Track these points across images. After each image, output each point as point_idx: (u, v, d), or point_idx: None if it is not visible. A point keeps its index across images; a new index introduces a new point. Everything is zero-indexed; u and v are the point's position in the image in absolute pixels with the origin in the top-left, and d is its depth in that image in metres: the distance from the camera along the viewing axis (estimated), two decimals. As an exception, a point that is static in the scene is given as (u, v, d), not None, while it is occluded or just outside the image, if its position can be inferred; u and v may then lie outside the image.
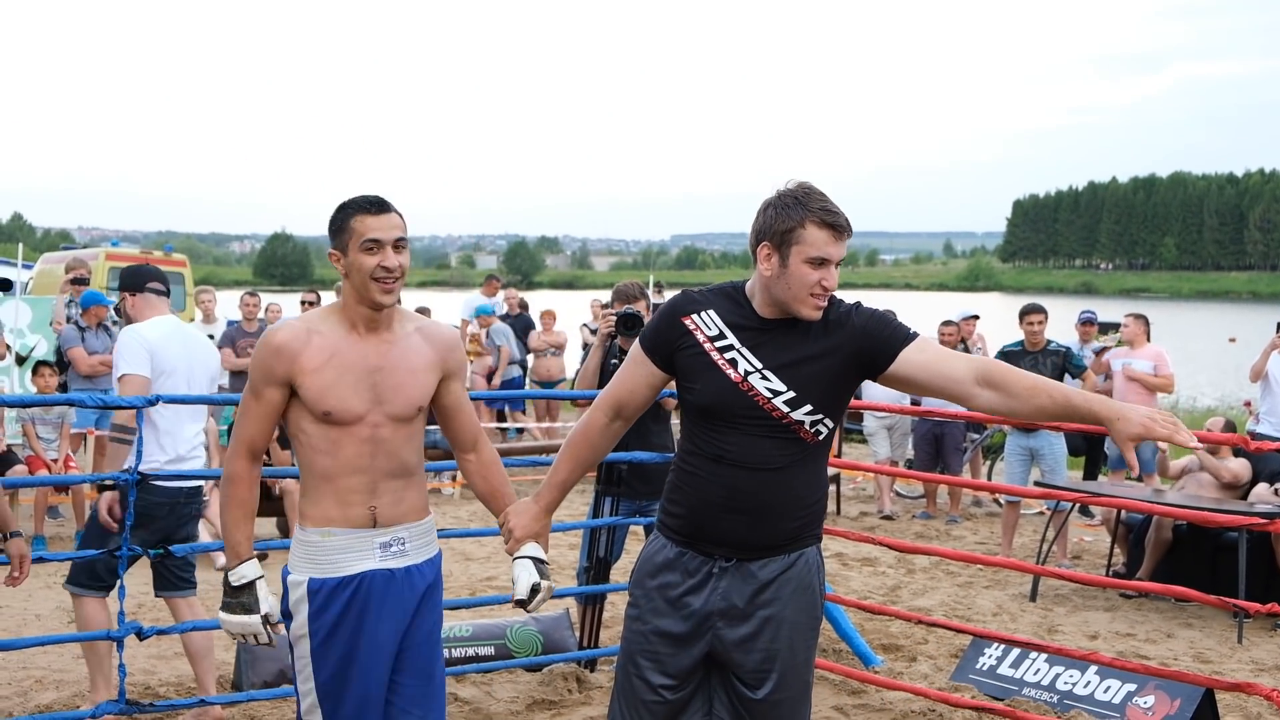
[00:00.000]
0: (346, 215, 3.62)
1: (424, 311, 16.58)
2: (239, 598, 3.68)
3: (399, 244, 3.62)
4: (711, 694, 3.57)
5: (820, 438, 3.49)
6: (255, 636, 3.70)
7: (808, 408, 3.43)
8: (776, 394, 3.42)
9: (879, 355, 3.44)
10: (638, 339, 3.66)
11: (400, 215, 3.68)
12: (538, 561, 3.72)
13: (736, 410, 3.45)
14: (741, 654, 3.48)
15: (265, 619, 3.67)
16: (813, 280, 3.39)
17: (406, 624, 3.66)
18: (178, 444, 5.84)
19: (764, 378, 3.43)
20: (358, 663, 3.61)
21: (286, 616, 3.68)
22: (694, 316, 3.54)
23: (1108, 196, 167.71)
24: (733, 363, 3.46)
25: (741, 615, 3.48)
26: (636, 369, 3.63)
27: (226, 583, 3.70)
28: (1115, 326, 13.17)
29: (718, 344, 3.47)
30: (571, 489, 3.80)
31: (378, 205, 3.63)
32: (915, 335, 3.49)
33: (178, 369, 5.80)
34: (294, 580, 3.65)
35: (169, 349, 5.80)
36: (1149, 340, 11.69)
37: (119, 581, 5.29)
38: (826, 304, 3.46)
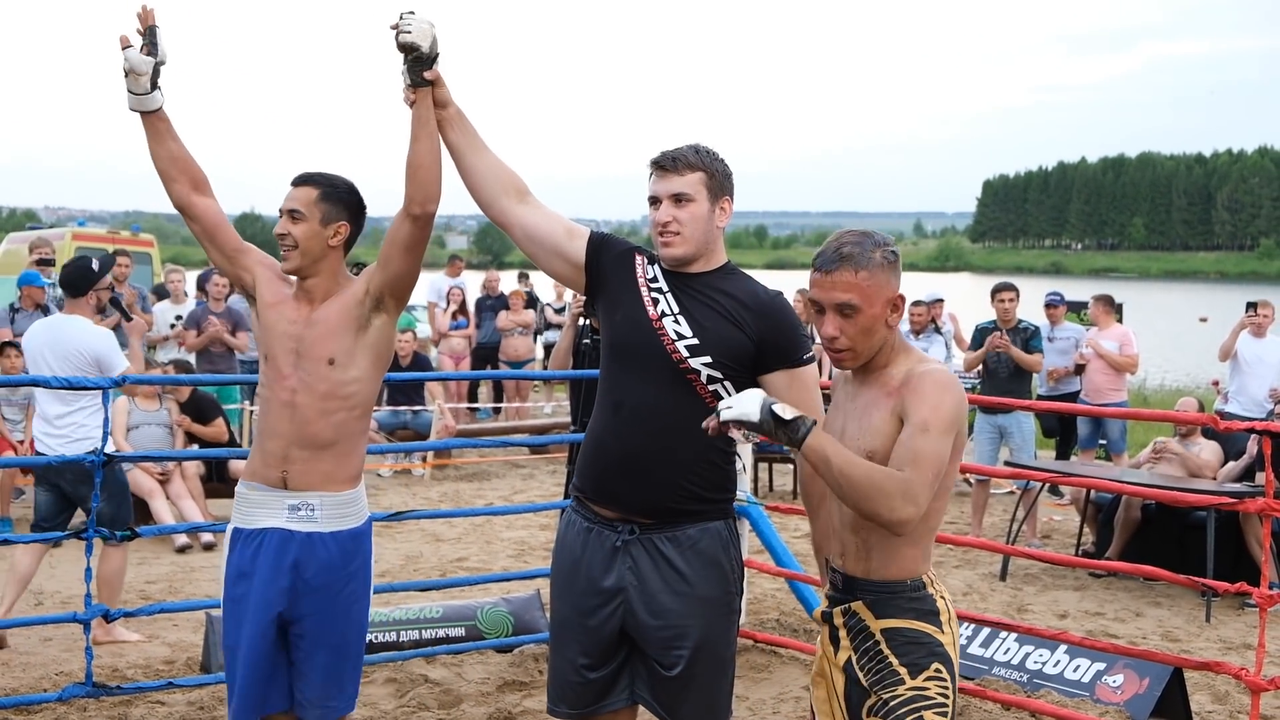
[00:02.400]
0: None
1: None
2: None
3: (293, 214, 3.76)
4: (634, 673, 3.54)
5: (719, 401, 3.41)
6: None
7: (706, 359, 3.41)
8: (681, 338, 3.42)
9: (762, 357, 3.45)
10: (589, 232, 3.63)
11: (317, 187, 3.79)
12: None
13: (642, 348, 3.45)
14: (652, 631, 3.45)
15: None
16: (654, 220, 3.49)
17: (303, 588, 3.75)
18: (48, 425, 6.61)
19: (676, 321, 3.44)
20: (248, 615, 3.75)
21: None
22: (644, 259, 3.59)
23: (1077, 176, 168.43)
24: (655, 302, 3.48)
25: (651, 593, 3.45)
26: (574, 225, 3.66)
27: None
28: (1085, 305, 13.22)
29: (650, 285, 3.51)
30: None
31: (296, 179, 3.84)
32: (801, 360, 3.47)
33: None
34: (227, 528, 3.91)
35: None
36: (1119, 321, 11.72)
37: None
38: (674, 241, 3.46)
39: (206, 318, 11.87)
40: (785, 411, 2.94)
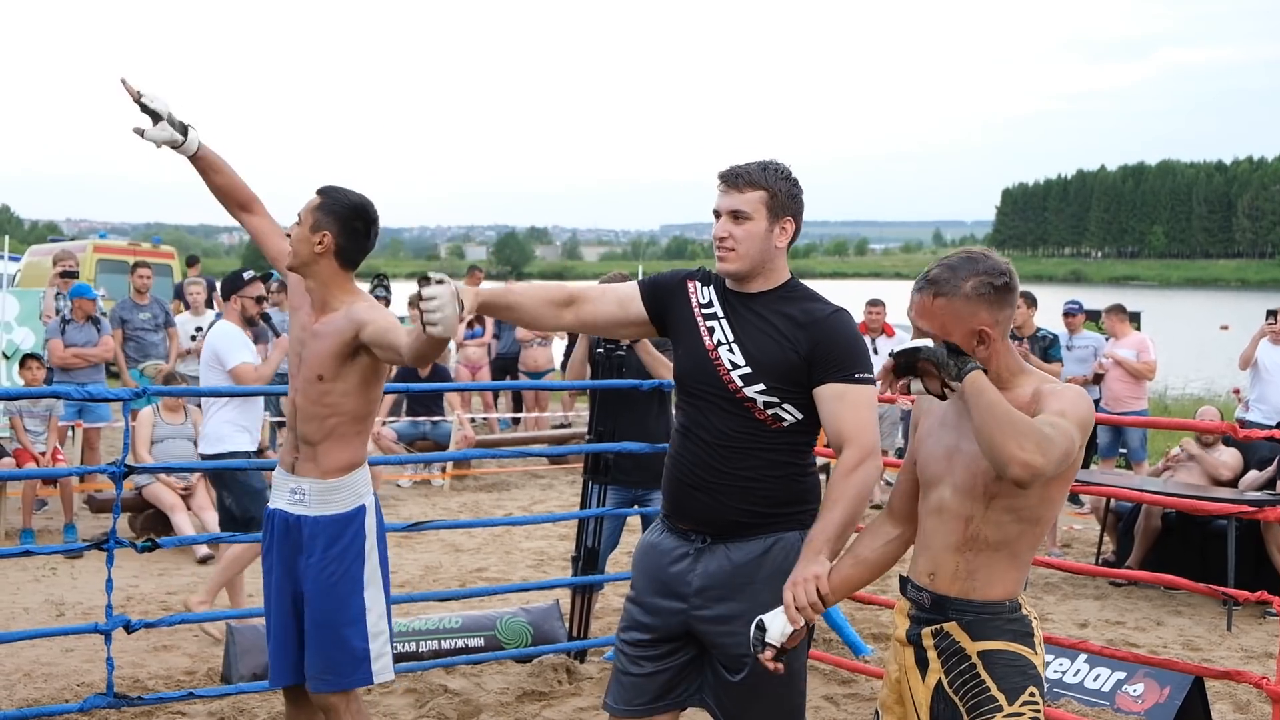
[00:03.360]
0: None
1: (415, 302, 16.51)
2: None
3: (298, 217, 4.10)
4: (701, 679, 3.60)
5: (782, 424, 3.49)
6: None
7: (760, 386, 3.47)
8: (736, 367, 3.49)
9: (813, 371, 3.47)
10: (637, 284, 3.72)
11: (320, 196, 4.09)
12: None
13: (701, 378, 3.54)
14: (718, 637, 3.50)
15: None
16: (714, 233, 3.59)
17: (301, 568, 4.13)
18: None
19: (730, 350, 3.51)
20: (271, 592, 4.22)
21: None
22: (696, 283, 3.67)
23: (1096, 185, 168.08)
24: (710, 331, 3.56)
25: (718, 598, 3.50)
26: (622, 288, 3.74)
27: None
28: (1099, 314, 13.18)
29: (704, 311, 3.59)
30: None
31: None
32: (854, 376, 3.45)
33: None
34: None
35: None
36: (1138, 328, 11.67)
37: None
38: (729, 258, 3.53)
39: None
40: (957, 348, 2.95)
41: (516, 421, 15.46)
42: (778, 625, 3.13)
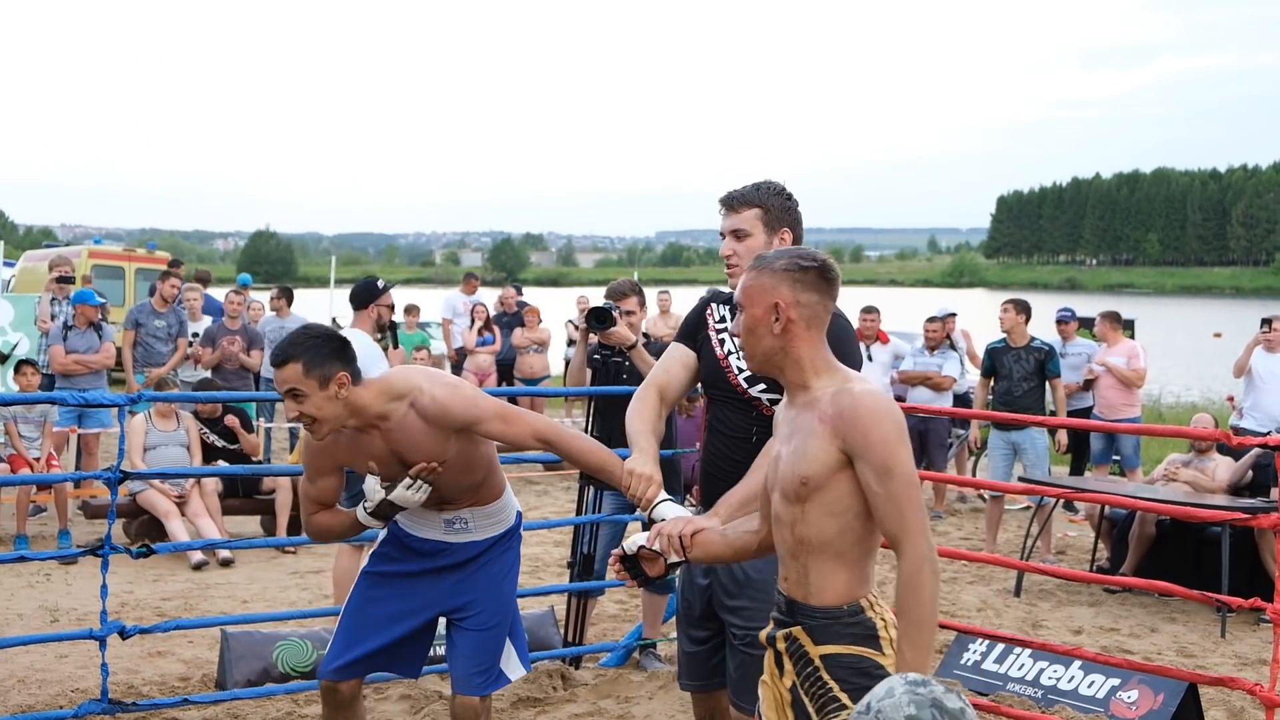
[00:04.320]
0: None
1: (412, 310, 16.55)
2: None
3: (293, 393, 3.95)
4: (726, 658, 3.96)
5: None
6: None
7: (761, 385, 3.89)
8: (741, 371, 3.93)
9: None
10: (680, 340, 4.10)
11: (297, 361, 3.93)
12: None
13: (718, 383, 4.00)
14: (731, 606, 3.88)
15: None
16: (721, 253, 4.01)
17: (451, 582, 4.29)
18: None
19: (737, 357, 3.93)
20: (380, 599, 4.33)
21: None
22: (714, 305, 4.11)
23: (1091, 192, 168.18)
24: (721, 342, 4.01)
25: (726, 582, 3.90)
26: (671, 351, 4.14)
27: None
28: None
29: (718, 326, 4.03)
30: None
31: (274, 359, 4.03)
32: None
33: None
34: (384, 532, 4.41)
35: None
36: (1132, 336, 11.69)
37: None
38: (736, 273, 3.93)
39: (222, 336, 11.92)
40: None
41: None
42: (637, 539, 3.45)
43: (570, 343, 16.75)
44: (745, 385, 3.90)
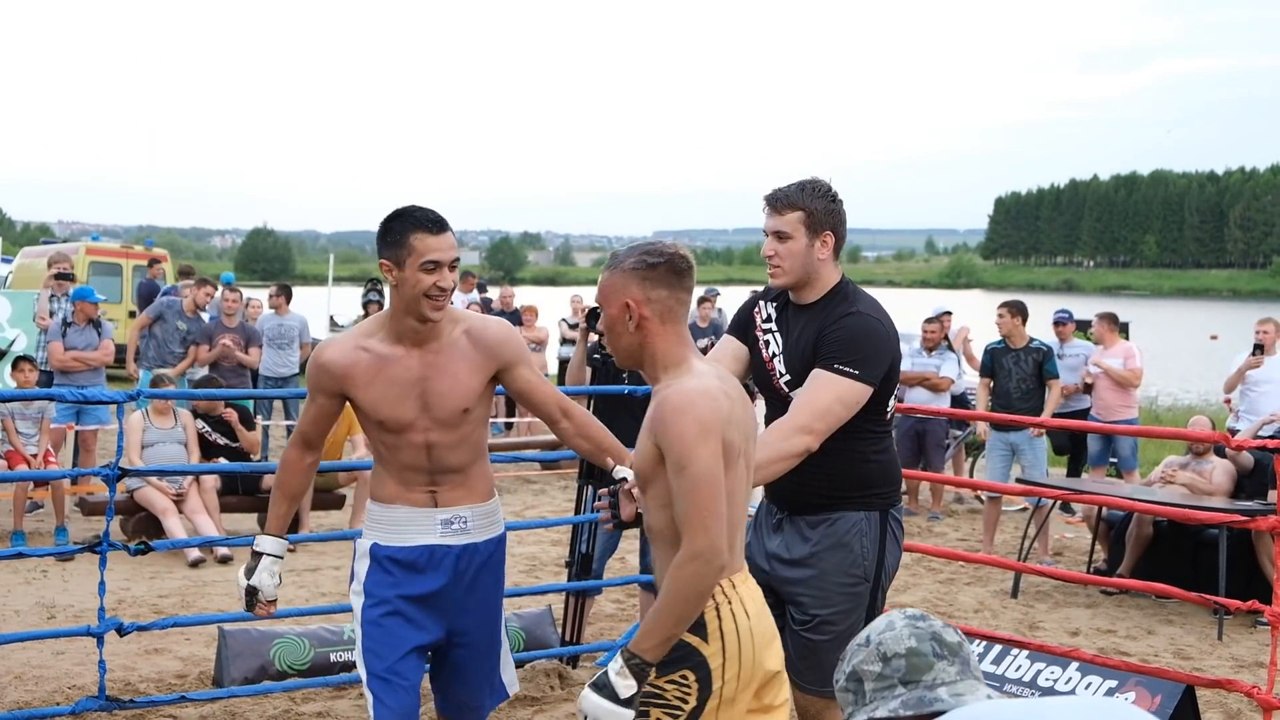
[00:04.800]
0: (406, 230, 3.69)
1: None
2: (250, 563, 3.96)
3: (454, 264, 3.75)
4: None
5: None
6: (244, 596, 3.94)
7: (801, 388, 3.94)
8: (782, 375, 4.02)
9: (815, 360, 3.90)
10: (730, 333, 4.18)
11: (453, 232, 3.80)
12: None
13: (764, 385, 4.09)
14: (790, 593, 3.98)
15: (251, 589, 3.93)
16: (763, 252, 4.05)
17: (453, 600, 3.89)
18: None
19: (779, 360, 4.03)
20: (404, 625, 3.84)
21: (352, 576, 3.97)
22: (762, 303, 4.16)
23: (1089, 194, 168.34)
24: (766, 345, 4.08)
25: (792, 562, 3.99)
26: (723, 343, 4.21)
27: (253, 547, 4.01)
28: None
29: (764, 326, 4.09)
30: None
31: (437, 224, 3.70)
32: (833, 365, 3.82)
33: None
34: (360, 544, 3.93)
35: None
36: (1127, 338, 11.69)
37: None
38: (778, 274, 3.99)
39: (219, 334, 11.92)
40: (621, 689, 3.00)
41: (509, 426, 15.46)
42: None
43: (564, 342, 16.75)
44: (787, 390, 3.97)
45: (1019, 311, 10.20)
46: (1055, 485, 9.18)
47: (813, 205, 3.92)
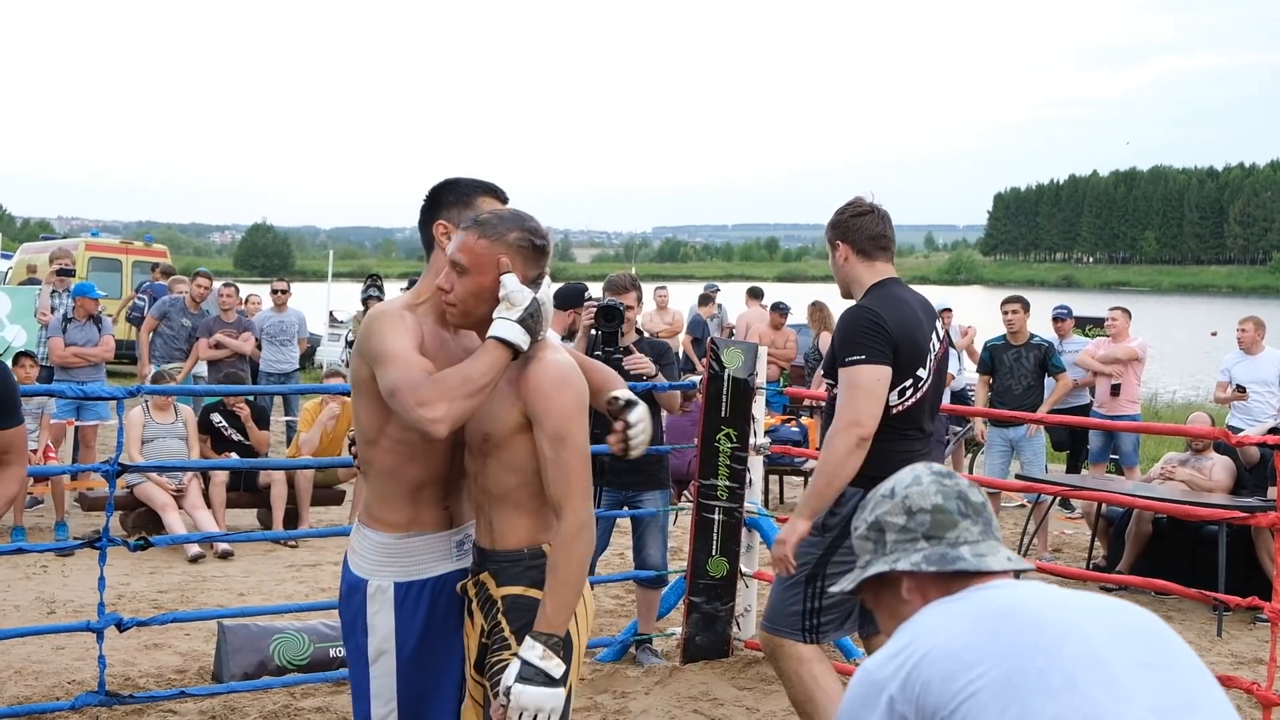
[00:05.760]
0: (474, 192, 3.44)
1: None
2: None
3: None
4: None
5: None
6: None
7: (829, 381, 4.52)
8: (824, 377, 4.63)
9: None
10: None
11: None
12: None
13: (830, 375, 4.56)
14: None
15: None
16: None
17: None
18: None
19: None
20: (443, 666, 3.39)
21: (356, 629, 3.38)
22: None
23: (1088, 190, 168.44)
24: None
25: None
26: None
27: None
28: (1100, 322, 13.16)
29: None
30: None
31: (502, 194, 3.49)
32: (845, 361, 4.28)
33: None
34: (376, 585, 3.33)
35: None
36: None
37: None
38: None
39: (218, 329, 11.93)
40: (553, 670, 3.04)
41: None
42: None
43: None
44: (827, 387, 4.53)
45: (1028, 307, 10.21)
46: (1054, 481, 9.18)
47: (828, 225, 4.53)
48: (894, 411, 4.30)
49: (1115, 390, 11.08)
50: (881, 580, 2.34)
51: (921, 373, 4.37)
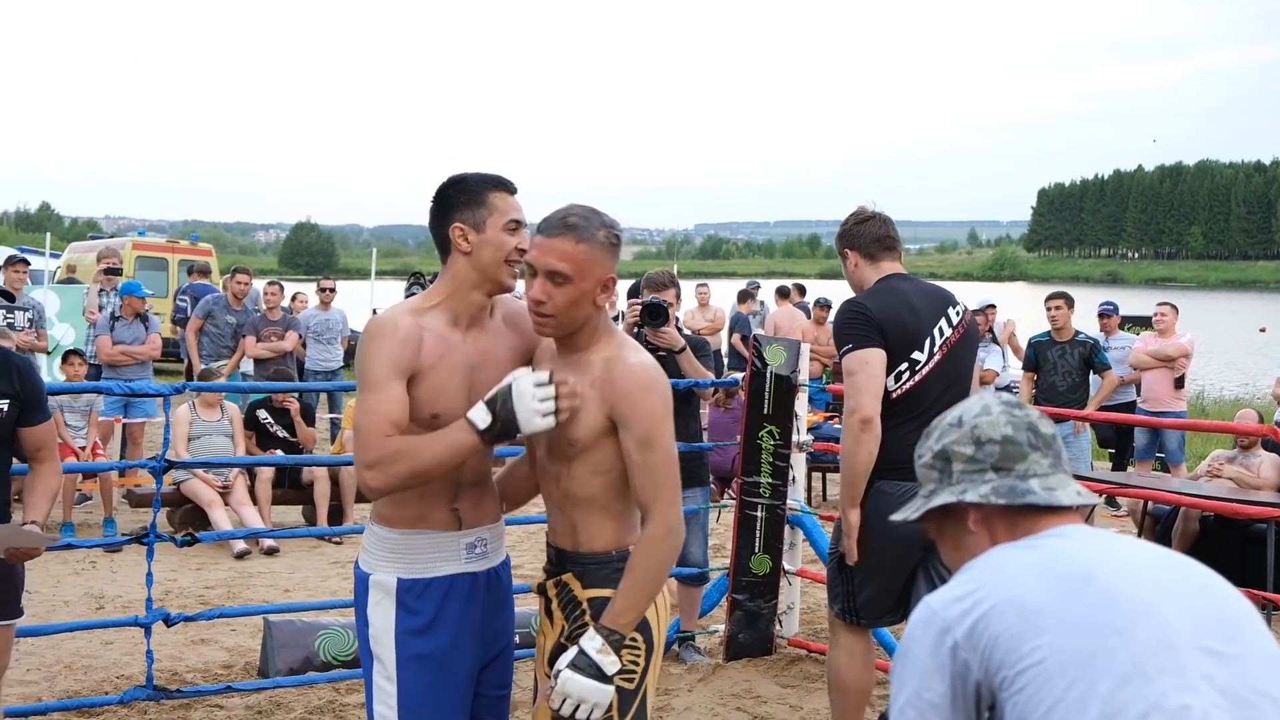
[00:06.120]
0: (484, 188, 3.28)
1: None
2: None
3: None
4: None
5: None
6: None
7: None
8: None
9: None
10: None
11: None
12: None
13: None
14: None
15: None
16: None
17: (489, 628, 3.40)
18: None
19: None
20: (449, 670, 3.33)
21: (359, 623, 3.37)
22: None
23: (1134, 185, 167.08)
24: None
25: None
26: None
27: None
28: (1145, 321, 13.05)
29: None
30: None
31: (511, 186, 3.34)
32: (841, 355, 4.56)
33: None
34: (377, 580, 3.30)
35: None
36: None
37: None
38: None
39: (264, 327, 12.01)
40: (606, 666, 2.99)
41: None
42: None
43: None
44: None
45: (1073, 304, 10.16)
46: (1100, 479, 9.11)
47: (836, 237, 4.84)
48: (893, 396, 4.47)
49: (1179, 382, 11.00)
50: (946, 511, 2.28)
51: (918, 356, 4.49)
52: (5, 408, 4.09)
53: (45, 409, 4.24)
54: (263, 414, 9.88)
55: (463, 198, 3.28)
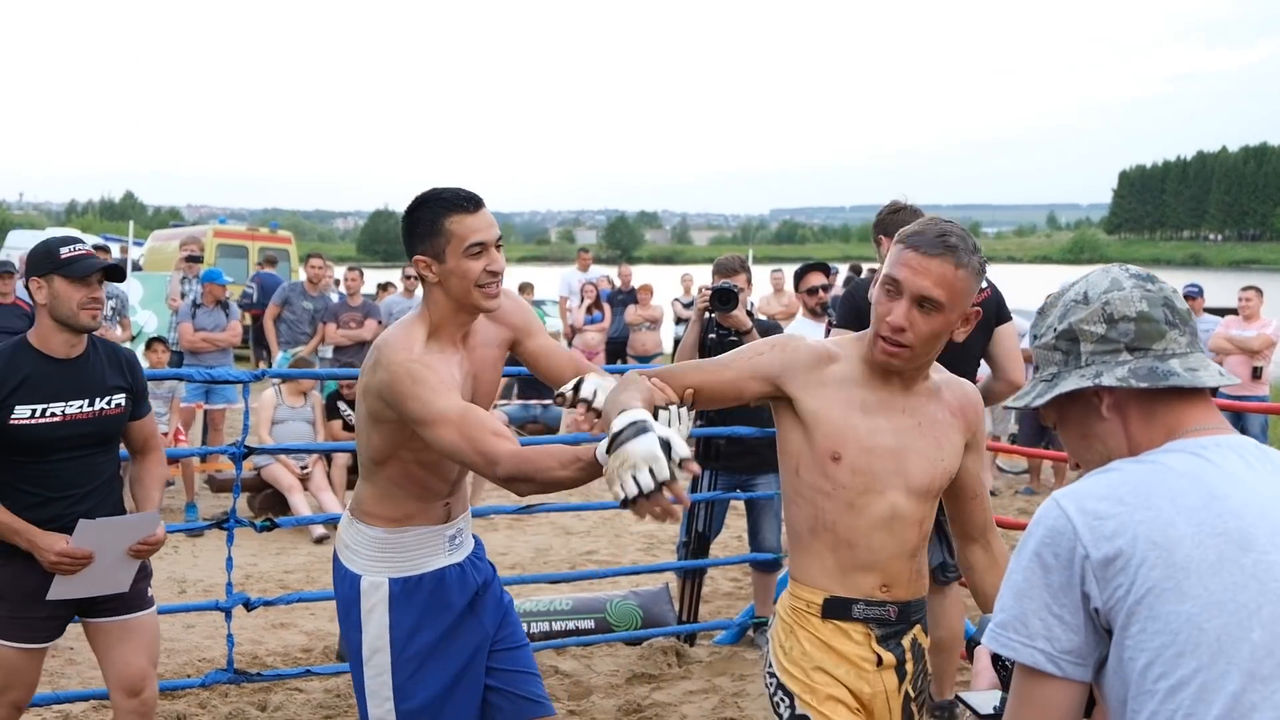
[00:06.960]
0: (439, 215, 3.12)
1: (525, 288, 16.69)
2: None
3: (499, 243, 3.19)
4: None
5: None
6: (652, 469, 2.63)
7: None
8: None
9: None
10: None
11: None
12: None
13: None
14: None
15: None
16: None
17: (482, 611, 3.42)
18: None
19: None
20: (445, 664, 3.34)
21: (350, 625, 3.37)
22: None
23: (1217, 166, 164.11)
24: None
25: None
26: None
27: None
28: (1232, 313, 12.82)
29: None
30: None
31: (471, 201, 3.15)
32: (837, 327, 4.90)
33: None
34: (370, 582, 3.30)
35: None
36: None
37: None
38: None
39: (344, 314, 12.13)
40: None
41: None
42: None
43: (678, 321, 16.76)
44: None
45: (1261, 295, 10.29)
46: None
47: (872, 225, 5.22)
48: None
49: (1256, 373, 10.81)
50: (1072, 396, 2.03)
51: None
52: (122, 401, 4.09)
53: (148, 399, 4.32)
54: (341, 405, 9.95)
55: (419, 228, 3.15)
